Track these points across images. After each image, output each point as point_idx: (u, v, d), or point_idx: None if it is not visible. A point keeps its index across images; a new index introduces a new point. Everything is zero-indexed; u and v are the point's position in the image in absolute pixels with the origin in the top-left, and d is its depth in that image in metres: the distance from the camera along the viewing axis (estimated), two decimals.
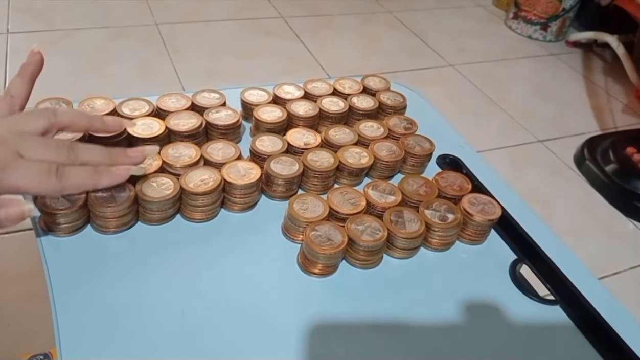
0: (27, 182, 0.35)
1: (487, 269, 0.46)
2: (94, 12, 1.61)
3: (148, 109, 0.51)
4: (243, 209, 0.46)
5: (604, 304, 0.43)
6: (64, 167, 0.37)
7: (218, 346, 0.36)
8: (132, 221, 0.43)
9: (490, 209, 0.47)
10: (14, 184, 0.35)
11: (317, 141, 0.52)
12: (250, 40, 1.62)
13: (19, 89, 0.42)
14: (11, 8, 1.56)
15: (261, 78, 1.45)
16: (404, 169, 0.54)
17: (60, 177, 0.36)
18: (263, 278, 0.41)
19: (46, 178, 0.36)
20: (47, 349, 0.73)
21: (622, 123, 1.56)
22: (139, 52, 1.46)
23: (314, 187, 0.49)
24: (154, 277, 0.40)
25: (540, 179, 1.29)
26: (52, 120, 0.39)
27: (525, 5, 1.88)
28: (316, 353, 0.36)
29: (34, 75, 0.43)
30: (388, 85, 0.62)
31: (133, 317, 0.37)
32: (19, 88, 0.42)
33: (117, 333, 0.35)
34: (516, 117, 1.49)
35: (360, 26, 1.83)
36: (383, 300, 0.41)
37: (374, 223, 0.43)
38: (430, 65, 1.67)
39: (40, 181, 0.36)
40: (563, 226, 1.16)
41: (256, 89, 0.57)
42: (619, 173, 1.27)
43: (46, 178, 0.36)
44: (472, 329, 0.40)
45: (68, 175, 0.37)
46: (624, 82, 1.68)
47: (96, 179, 0.39)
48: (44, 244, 0.40)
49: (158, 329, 0.36)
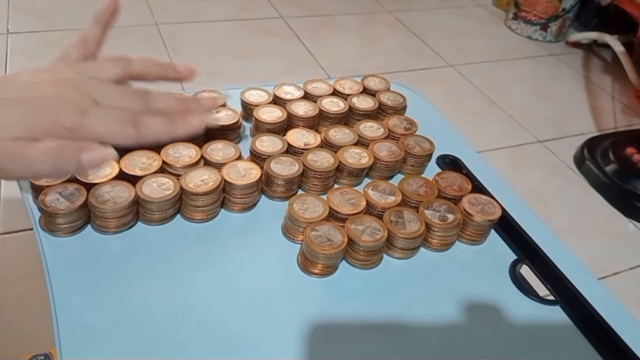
0: (105, 129, 0.35)
1: (487, 269, 0.46)
2: (94, 12, 1.61)
3: None
4: (243, 209, 0.46)
5: (604, 304, 0.43)
6: (141, 116, 0.36)
7: (218, 346, 0.36)
8: (132, 221, 0.43)
9: (490, 209, 0.47)
10: (93, 130, 0.34)
11: (317, 141, 0.52)
12: (250, 41, 1.62)
13: (93, 35, 0.41)
14: (11, 8, 1.56)
15: (261, 78, 1.45)
16: (404, 169, 0.54)
17: (137, 127, 0.36)
18: (263, 278, 0.41)
19: (124, 127, 0.35)
20: (47, 349, 0.73)
21: (622, 123, 1.56)
22: (138, 52, 1.46)
23: (314, 187, 0.49)
24: (154, 277, 0.40)
25: (540, 179, 1.29)
26: (126, 69, 0.39)
27: (525, 5, 1.88)
28: (316, 353, 0.36)
29: (110, 24, 0.42)
30: (388, 85, 0.62)
31: (133, 317, 0.37)
32: (94, 34, 0.41)
33: (117, 333, 0.35)
34: (516, 117, 1.49)
35: (360, 26, 1.83)
36: (383, 300, 0.41)
37: (374, 223, 0.43)
38: (430, 65, 1.67)
39: (118, 129, 0.35)
40: (563, 226, 1.16)
41: (256, 89, 0.57)
42: (619, 173, 1.27)
43: (124, 127, 0.35)
44: (472, 329, 0.40)
45: (145, 124, 0.36)
46: (624, 82, 1.68)
47: (172, 128, 0.38)
48: (44, 244, 0.40)
49: (158, 328, 0.36)
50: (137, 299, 0.38)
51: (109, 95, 0.36)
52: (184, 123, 0.38)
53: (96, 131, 0.35)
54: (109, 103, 0.36)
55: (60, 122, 0.34)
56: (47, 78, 0.36)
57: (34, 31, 1.48)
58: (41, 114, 0.34)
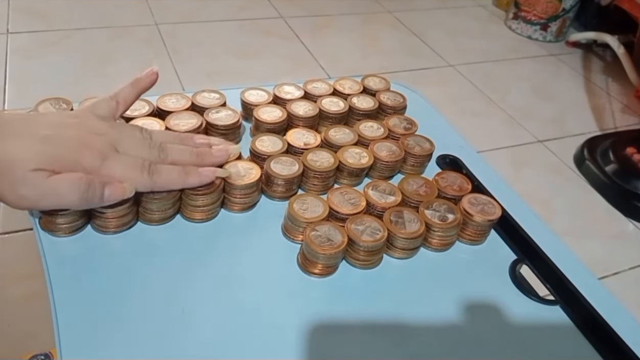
0: (121, 174, 0.38)
1: (487, 269, 0.46)
2: (94, 12, 1.61)
3: (148, 109, 0.51)
4: (243, 209, 0.46)
5: (604, 304, 0.43)
6: (156, 165, 0.40)
7: (218, 346, 0.36)
8: (132, 221, 0.43)
9: (490, 209, 0.47)
10: (110, 174, 0.38)
11: (317, 141, 0.52)
12: (250, 40, 1.62)
13: (125, 97, 0.44)
14: (11, 8, 1.56)
15: (261, 78, 1.45)
16: (404, 169, 0.54)
17: (152, 174, 0.40)
18: (263, 278, 0.41)
19: (139, 173, 0.39)
20: (48, 349, 0.73)
21: (622, 123, 1.56)
22: (139, 52, 1.46)
23: (314, 187, 0.49)
24: (154, 277, 0.40)
25: (540, 179, 1.29)
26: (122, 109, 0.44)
27: (525, 5, 1.88)
28: (316, 353, 0.36)
29: (143, 90, 0.46)
30: (388, 85, 0.62)
31: (133, 317, 0.37)
32: (126, 96, 0.44)
33: (117, 333, 0.35)
34: (516, 117, 1.49)
35: (360, 26, 1.83)
36: (383, 300, 0.41)
37: (374, 223, 0.44)
38: (430, 65, 1.67)
39: (133, 175, 0.39)
40: (563, 226, 1.16)
41: (256, 89, 0.57)
42: (619, 173, 1.27)
43: (139, 173, 0.39)
44: (472, 329, 0.40)
45: (159, 172, 0.40)
46: (624, 82, 1.68)
47: (184, 178, 0.41)
48: (44, 244, 0.40)
49: (158, 328, 0.36)
50: (137, 299, 0.38)
51: (129, 144, 0.40)
52: (196, 175, 0.42)
53: (113, 174, 0.38)
54: (128, 151, 0.40)
55: (81, 161, 0.37)
56: (75, 122, 0.39)
57: (34, 31, 1.48)
58: (65, 151, 0.37)
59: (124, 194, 0.38)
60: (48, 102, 0.49)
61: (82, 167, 0.37)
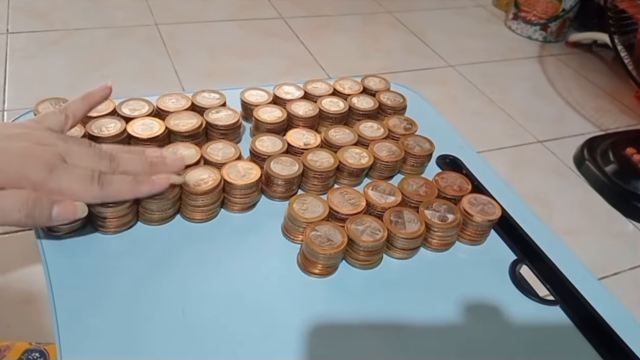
0: (70, 186, 0.37)
1: (487, 269, 0.46)
2: (94, 12, 1.61)
3: (148, 109, 0.51)
4: (243, 209, 0.46)
5: (604, 304, 0.43)
6: (106, 175, 0.38)
7: (218, 346, 0.36)
8: (132, 221, 0.43)
9: (490, 209, 0.47)
10: (57, 186, 0.36)
11: (317, 141, 0.52)
12: (250, 41, 1.62)
13: (75, 111, 0.43)
14: (11, 8, 1.56)
15: (261, 78, 1.45)
16: (404, 169, 0.54)
17: (102, 185, 0.38)
18: (263, 278, 0.41)
19: (89, 184, 0.37)
20: (44, 346, 0.73)
21: (622, 123, 1.56)
22: (139, 52, 1.46)
23: (314, 187, 0.49)
24: (154, 277, 0.40)
25: (540, 179, 1.29)
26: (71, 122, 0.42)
27: (525, 5, 1.88)
28: (316, 353, 0.36)
29: (94, 105, 0.44)
30: (388, 85, 0.62)
31: (133, 317, 0.37)
32: (76, 110, 0.43)
33: (117, 333, 0.35)
34: (516, 117, 1.49)
35: (360, 26, 1.83)
36: (383, 300, 0.41)
37: (374, 223, 0.44)
38: (430, 65, 1.67)
39: (82, 187, 0.37)
40: (563, 226, 1.17)
41: (256, 89, 0.57)
42: (619, 173, 1.27)
43: (89, 184, 0.37)
44: (472, 329, 0.40)
45: (110, 182, 0.38)
46: (624, 82, 1.68)
47: (136, 187, 0.40)
48: (44, 244, 0.40)
49: (158, 328, 0.36)
50: (137, 299, 0.38)
51: (78, 155, 0.38)
52: (148, 184, 0.40)
53: (60, 187, 0.36)
54: (76, 162, 0.38)
55: (27, 175, 0.35)
56: (20, 133, 0.37)
57: (34, 31, 1.48)
58: (9, 164, 0.35)
59: (75, 213, 0.37)
60: (48, 102, 0.49)
61: (28, 180, 0.35)
